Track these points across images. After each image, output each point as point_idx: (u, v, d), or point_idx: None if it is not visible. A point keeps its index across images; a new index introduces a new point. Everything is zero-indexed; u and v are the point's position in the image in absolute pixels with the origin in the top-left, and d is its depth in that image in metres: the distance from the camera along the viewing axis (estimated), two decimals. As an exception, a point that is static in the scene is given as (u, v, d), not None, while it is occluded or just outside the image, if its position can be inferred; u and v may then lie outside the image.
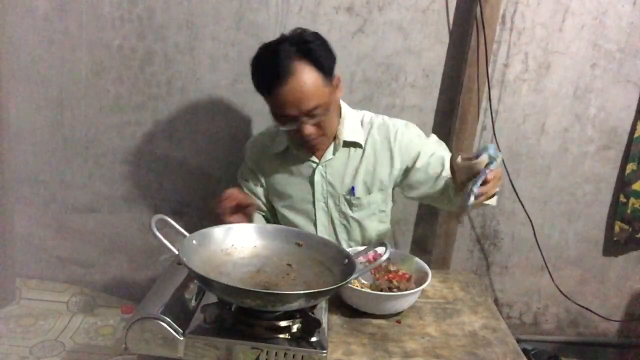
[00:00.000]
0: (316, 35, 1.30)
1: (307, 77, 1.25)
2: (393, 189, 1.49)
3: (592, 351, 2.08)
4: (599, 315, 2.01)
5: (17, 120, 1.82)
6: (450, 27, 1.73)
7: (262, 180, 1.52)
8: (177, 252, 0.93)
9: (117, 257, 1.97)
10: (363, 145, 1.44)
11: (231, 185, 1.53)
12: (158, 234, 0.93)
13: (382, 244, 1.04)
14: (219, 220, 1.23)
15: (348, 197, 1.45)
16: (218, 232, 1.10)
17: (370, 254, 1.21)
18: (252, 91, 1.76)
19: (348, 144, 1.44)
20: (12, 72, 1.77)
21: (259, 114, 1.80)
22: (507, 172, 1.83)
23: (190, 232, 1.04)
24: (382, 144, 1.44)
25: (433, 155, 1.41)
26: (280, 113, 1.29)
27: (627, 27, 1.75)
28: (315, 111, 1.28)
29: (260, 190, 1.53)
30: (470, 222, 1.95)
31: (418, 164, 1.41)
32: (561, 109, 1.83)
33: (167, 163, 1.86)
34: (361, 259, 1.18)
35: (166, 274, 1.12)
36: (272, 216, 1.59)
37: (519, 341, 1.63)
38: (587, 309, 2.00)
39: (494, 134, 1.81)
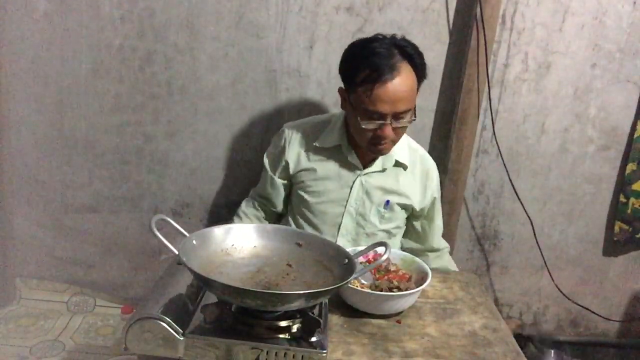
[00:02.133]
0: (416, 46, 1.33)
1: (409, 79, 1.28)
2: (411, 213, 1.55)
3: (592, 351, 2.08)
4: (599, 315, 2.01)
5: (17, 120, 1.82)
6: (450, 27, 1.73)
7: (291, 172, 1.48)
8: (177, 252, 0.93)
9: (117, 257, 1.97)
10: (408, 168, 1.48)
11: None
12: (158, 234, 0.93)
13: (382, 244, 1.04)
14: None
15: (380, 208, 1.47)
16: (218, 232, 1.10)
17: (370, 254, 1.21)
18: (252, 91, 1.79)
19: (397, 164, 1.47)
20: (12, 72, 1.77)
21: (259, 114, 1.80)
22: (507, 172, 1.83)
23: (190, 232, 1.04)
24: (420, 173, 1.50)
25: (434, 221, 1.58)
26: (371, 108, 1.28)
27: (627, 27, 1.75)
28: (403, 114, 1.30)
29: (282, 187, 1.52)
30: (470, 222, 1.95)
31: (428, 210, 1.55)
32: (561, 109, 1.83)
33: (167, 163, 1.86)
34: (361, 259, 1.18)
35: (166, 274, 1.12)
36: (274, 219, 1.60)
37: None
38: (587, 309, 2.00)
39: (494, 134, 1.81)
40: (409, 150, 1.50)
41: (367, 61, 1.27)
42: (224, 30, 1.72)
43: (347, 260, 1.03)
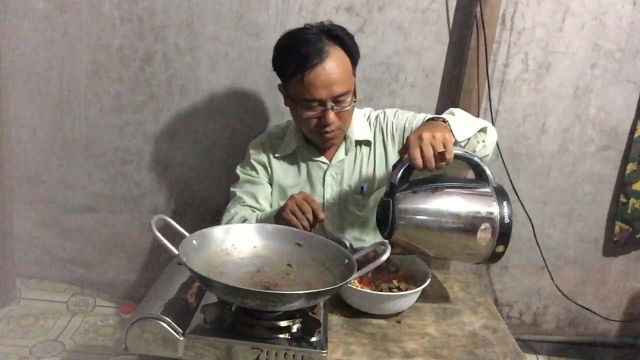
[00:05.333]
0: (345, 29, 1.33)
1: (340, 60, 1.27)
2: None
3: (592, 351, 2.07)
4: (599, 315, 2.01)
5: (17, 120, 1.82)
6: (450, 27, 1.73)
7: (271, 179, 1.48)
8: (177, 252, 0.93)
9: (117, 257, 1.97)
10: (373, 143, 1.44)
11: (229, 185, 1.53)
12: (158, 234, 0.93)
13: (382, 244, 1.04)
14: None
15: (357, 196, 1.44)
16: (218, 232, 1.10)
17: (370, 253, 1.21)
18: (252, 91, 1.79)
19: (359, 143, 1.43)
20: (12, 72, 1.77)
21: (259, 114, 1.80)
22: (507, 172, 1.83)
23: (190, 232, 1.04)
24: (379, 140, 1.45)
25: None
26: (308, 97, 1.27)
27: (627, 27, 1.75)
28: (342, 97, 1.28)
29: (269, 189, 1.49)
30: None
31: None
32: (561, 109, 1.83)
33: (167, 163, 1.86)
34: (361, 259, 1.18)
35: (166, 274, 1.12)
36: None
37: (518, 341, 1.63)
38: (587, 309, 2.00)
39: (494, 134, 1.81)
40: (367, 124, 1.45)
41: (295, 50, 1.26)
42: (224, 30, 1.72)
43: (347, 260, 1.03)
